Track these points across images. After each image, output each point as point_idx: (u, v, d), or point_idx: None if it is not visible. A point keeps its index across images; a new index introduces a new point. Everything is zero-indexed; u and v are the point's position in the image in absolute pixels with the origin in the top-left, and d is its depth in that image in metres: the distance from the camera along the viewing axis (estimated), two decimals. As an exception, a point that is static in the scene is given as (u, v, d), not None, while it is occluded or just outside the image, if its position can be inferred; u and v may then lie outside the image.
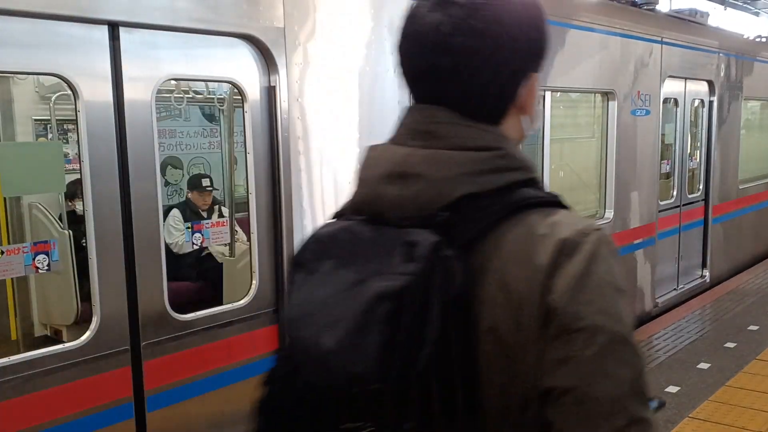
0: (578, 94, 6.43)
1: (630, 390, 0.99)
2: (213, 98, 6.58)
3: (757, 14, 27.98)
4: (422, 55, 1.12)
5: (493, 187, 1.07)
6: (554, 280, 1.00)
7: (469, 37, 1.09)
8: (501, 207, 1.06)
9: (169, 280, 3.24)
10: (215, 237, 3.60)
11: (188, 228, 3.48)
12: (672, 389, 5.18)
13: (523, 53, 1.14)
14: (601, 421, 0.97)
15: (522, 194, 1.08)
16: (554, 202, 1.09)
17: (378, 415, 1.03)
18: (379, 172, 1.11)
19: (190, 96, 6.14)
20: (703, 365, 5.64)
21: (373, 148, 1.17)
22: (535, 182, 1.12)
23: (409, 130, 1.13)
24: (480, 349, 1.03)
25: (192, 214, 6.00)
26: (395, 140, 1.15)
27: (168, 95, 5.78)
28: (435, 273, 1.00)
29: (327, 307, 1.04)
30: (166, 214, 6.24)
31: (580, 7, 6.01)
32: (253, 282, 3.55)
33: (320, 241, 1.12)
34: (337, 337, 1.01)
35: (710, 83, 7.93)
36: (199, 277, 5.57)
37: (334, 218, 1.20)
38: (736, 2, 25.53)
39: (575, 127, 6.73)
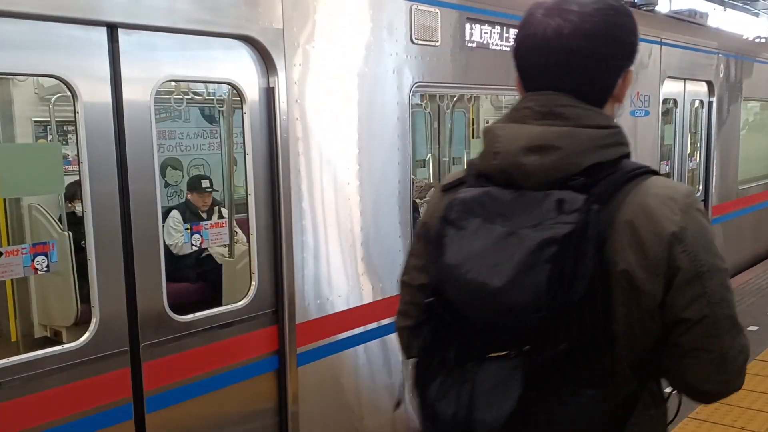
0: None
1: (734, 308, 1.36)
2: (213, 99, 6.59)
3: (756, 15, 27.99)
4: (544, 52, 1.40)
5: (611, 158, 1.36)
6: (679, 233, 1.31)
7: (584, 39, 1.38)
8: (622, 173, 1.34)
9: (168, 281, 3.24)
10: (214, 238, 3.59)
11: (187, 229, 3.48)
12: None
13: (623, 52, 1.44)
14: (725, 334, 1.34)
15: (630, 164, 1.38)
16: (654, 171, 1.40)
17: (529, 341, 1.29)
18: (518, 146, 1.36)
19: (190, 97, 6.15)
20: (703, 366, 5.62)
21: (499, 128, 1.43)
22: (630, 155, 1.41)
23: (534, 112, 1.39)
24: (614, 285, 1.31)
25: (192, 216, 6.01)
26: (521, 120, 1.41)
27: (168, 96, 5.77)
28: (588, 222, 1.27)
29: (485, 255, 1.29)
30: (165, 215, 6.27)
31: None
32: (253, 283, 3.55)
33: (465, 203, 1.37)
34: (504, 278, 1.25)
35: (709, 84, 7.93)
36: (198, 278, 5.58)
37: (449, 187, 1.51)
38: (735, 3, 25.53)
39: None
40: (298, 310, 3.69)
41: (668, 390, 1.52)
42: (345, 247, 3.95)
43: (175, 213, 6.11)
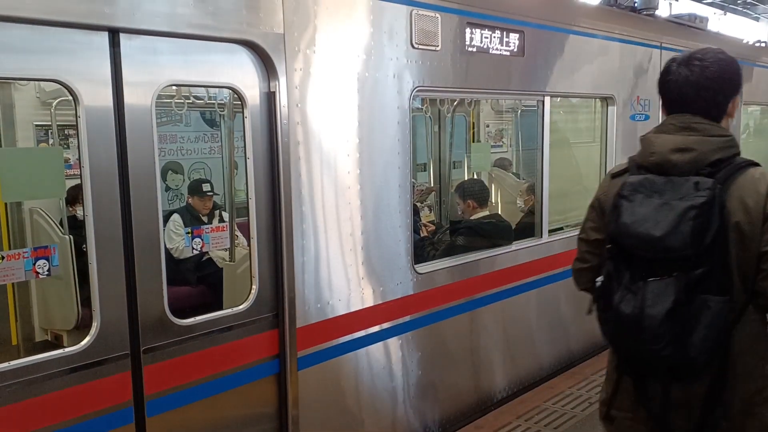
0: (578, 99, 6.43)
1: None
2: (214, 103, 6.60)
3: (757, 19, 28.01)
4: (679, 90, 2.29)
5: (728, 155, 2.21)
6: None
7: (705, 81, 2.25)
8: (734, 165, 2.19)
9: (169, 284, 3.25)
10: (215, 242, 3.60)
11: (188, 233, 3.48)
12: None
13: (731, 86, 2.30)
14: None
15: (741, 159, 2.23)
16: (756, 164, 2.23)
17: (676, 270, 2.12)
18: (668, 148, 2.23)
19: (191, 101, 6.15)
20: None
21: (653, 137, 2.30)
22: (739, 153, 2.26)
23: (676, 127, 2.26)
24: (729, 235, 2.14)
25: (193, 219, 6.02)
26: (667, 131, 2.28)
27: (169, 100, 5.79)
28: (715, 195, 2.10)
29: (648, 217, 2.15)
30: (166, 219, 6.28)
31: (580, 13, 6.03)
32: (253, 287, 3.55)
33: (632, 184, 2.23)
34: (663, 230, 2.10)
35: (710, 88, 7.92)
36: (199, 281, 5.58)
37: (616, 174, 2.40)
38: (736, 7, 25.57)
39: (576, 131, 6.73)
40: (299, 313, 3.70)
41: None
42: (346, 250, 3.96)
43: (176, 217, 6.12)
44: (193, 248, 3.46)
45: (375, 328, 4.16)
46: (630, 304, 2.18)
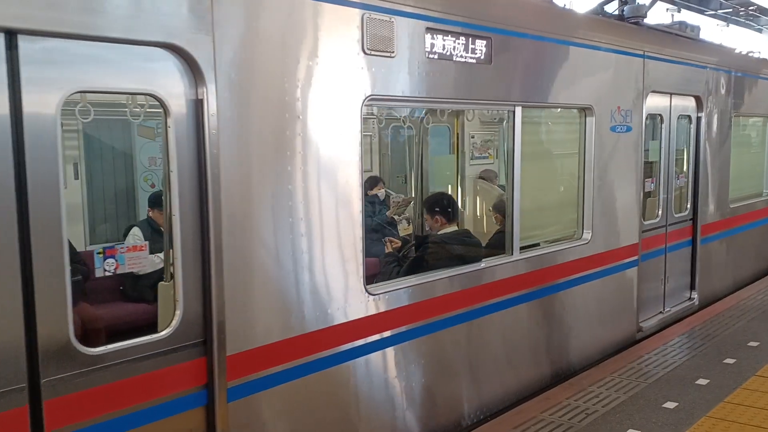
0: (558, 109, 6.14)
1: None
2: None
3: (759, 31, 27.80)
4: None
5: None
6: None
7: None
8: None
9: (128, 301, 2.95)
10: (132, 262, 3.29)
11: (99, 253, 3.19)
12: (670, 405, 5.02)
13: None
14: None
15: None
16: None
17: None
18: None
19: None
20: (702, 381, 5.50)
21: None
22: None
23: None
24: None
25: (154, 233, 5.76)
26: None
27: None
28: None
29: None
30: (126, 232, 6.01)
31: (554, 19, 5.77)
32: (177, 311, 3.27)
33: None
34: None
35: (698, 99, 7.65)
36: (141, 300, 5.30)
37: None
38: (738, 19, 25.34)
39: (551, 143, 6.43)
40: (229, 340, 3.40)
41: None
42: (284, 271, 3.66)
43: (135, 230, 5.89)
44: (105, 270, 3.16)
45: (317, 355, 3.85)
46: None
